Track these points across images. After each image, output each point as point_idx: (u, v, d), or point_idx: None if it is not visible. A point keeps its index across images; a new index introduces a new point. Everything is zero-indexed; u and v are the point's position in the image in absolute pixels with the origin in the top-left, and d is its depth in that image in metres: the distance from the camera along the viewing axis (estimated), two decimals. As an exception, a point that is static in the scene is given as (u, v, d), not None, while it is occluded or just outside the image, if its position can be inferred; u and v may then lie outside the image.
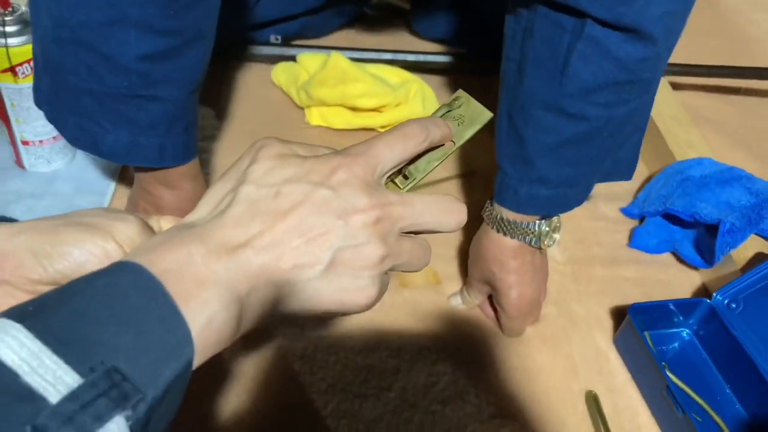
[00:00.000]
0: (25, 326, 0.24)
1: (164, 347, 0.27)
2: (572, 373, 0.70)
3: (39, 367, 0.24)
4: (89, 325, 0.26)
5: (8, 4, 0.70)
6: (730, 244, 0.78)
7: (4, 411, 0.23)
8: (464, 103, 0.42)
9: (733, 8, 1.48)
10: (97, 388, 0.24)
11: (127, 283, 0.28)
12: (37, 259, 0.33)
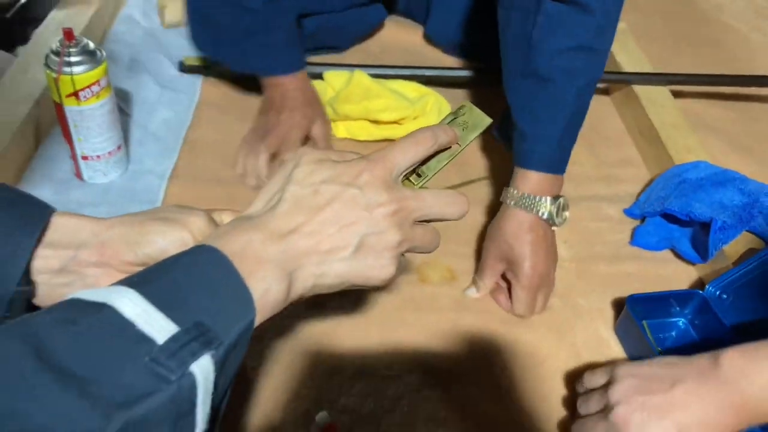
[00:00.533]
0: (136, 290, 0.34)
1: (235, 309, 0.36)
2: (575, 358, 0.78)
3: (148, 320, 0.33)
4: (180, 291, 0.35)
5: (73, 37, 0.80)
6: (722, 240, 0.85)
7: (127, 349, 0.32)
8: (468, 111, 0.52)
9: (736, 17, 1.54)
10: (189, 335, 0.33)
11: (205, 260, 0.37)
12: (129, 246, 0.43)
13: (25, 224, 0.43)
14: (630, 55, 1.23)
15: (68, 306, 0.34)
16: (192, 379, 0.33)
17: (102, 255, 0.44)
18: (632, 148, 1.10)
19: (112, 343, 0.33)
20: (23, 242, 0.42)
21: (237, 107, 1.06)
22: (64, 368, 0.31)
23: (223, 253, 0.37)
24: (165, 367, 0.32)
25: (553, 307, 0.83)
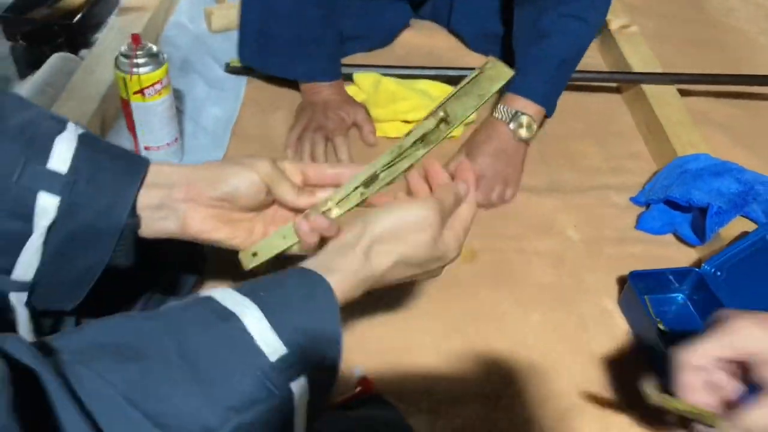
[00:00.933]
0: (259, 308, 0.44)
1: (328, 341, 0.46)
2: (582, 328, 0.87)
3: (265, 338, 0.43)
4: (292, 315, 0.45)
5: (140, 41, 0.91)
6: (718, 223, 0.94)
7: (246, 361, 0.42)
8: (492, 65, 0.59)
9: (745, 21, 1.62)
10: (293, 357, 0.43)
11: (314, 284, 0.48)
12: (210, 185, 0.55)
13: (131, 170, 0.53)
14: (641, 56, 1.31)
15: (206, 307, 0.44)
16: (290, 396, 0.42)
17: (189, 192, 0.55)
18: (640, 142, 1.19)
19: (236, 351, 0.42)
20: (130, 184, 0.53)
21: (278, 106, 1.17)
22: (198, 363, 0.40)
23: (329, 285, 0.48)
24: (272, 382, 0.41)
25: (563, 284, 0.92)
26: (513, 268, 0.94)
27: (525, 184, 1.06)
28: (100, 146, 0.54)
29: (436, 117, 0.57)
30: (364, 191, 0.58)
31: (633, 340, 0.86)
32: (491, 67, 0.58)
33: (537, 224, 1.01)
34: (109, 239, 0.52)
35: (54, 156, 0.50)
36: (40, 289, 0.53)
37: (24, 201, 0.49)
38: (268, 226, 0.61)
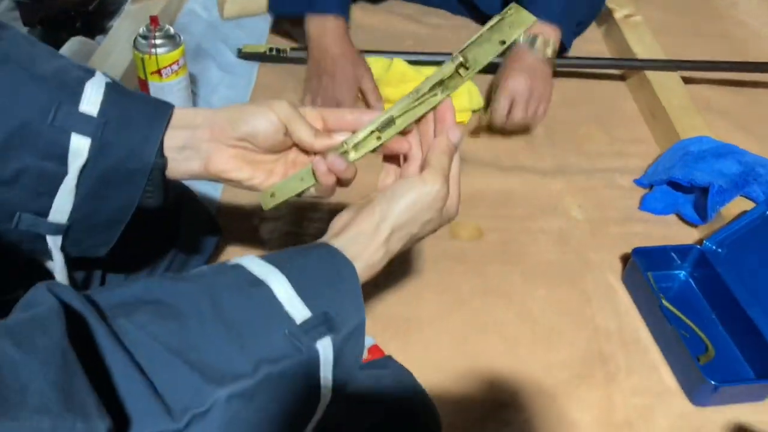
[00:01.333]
0: (286, 277, 0.47)
1: (351, 307, 0.49)
2: (586, 302, 0.90)
3: (291, 303, 0.46)
4: (316, 283, 0.48)
5: (158, 23, 0.94)
6: (719, 202, 0.97)
7: (275, 321, 0.45)
8: (515, 12, 0.57)
9: (749, 13, 1.64)
10: (317, 320, 0.46)
11: (337, 260, 0.51)
12: (231, 124, 0.57)
13: (157, 113, 0.56)
14: (645, 45, 1.34)
15: (237, 273, 0.47)
16: (316, 354, 0.45)
17: (212, 133, 0.57)
18: (644, 127, 1.21)
19: (265, 313, 0.45)
20: (157, 125, 0.55)
21: (288, 89, 1.19)
22: (230, 322, 0.43)
23: (349, 260, 0.51)
24: (299, 340, 0.45)
25: (568, 261, 0.95)
26: (519, 246, 0.96)
27: (532, 167, 1.09)
28: (127, 91, 0.56)
29: (455, 62, 0.56)
30: (380, 135, 0.58)
31: (637, 314, 0.89)
32: (513, 14, 0.57)
33: (543, 205, 1.03)
34: (138, 178, 0.55)
35: (85, 99, 0.53)
36: (75, 233, 0.55)
37: (58, 142, 0.52)
38: (288, 168, 0.62)
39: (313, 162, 0.58)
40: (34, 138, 0.52)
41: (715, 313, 0.90)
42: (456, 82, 0.57)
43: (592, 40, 1.44)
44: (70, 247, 0.56)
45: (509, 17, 0.56)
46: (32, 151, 0.52)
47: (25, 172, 0.52)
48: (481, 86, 1.20)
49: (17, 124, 0.51)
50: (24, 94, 0.52)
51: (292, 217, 0.95)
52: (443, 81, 0.57)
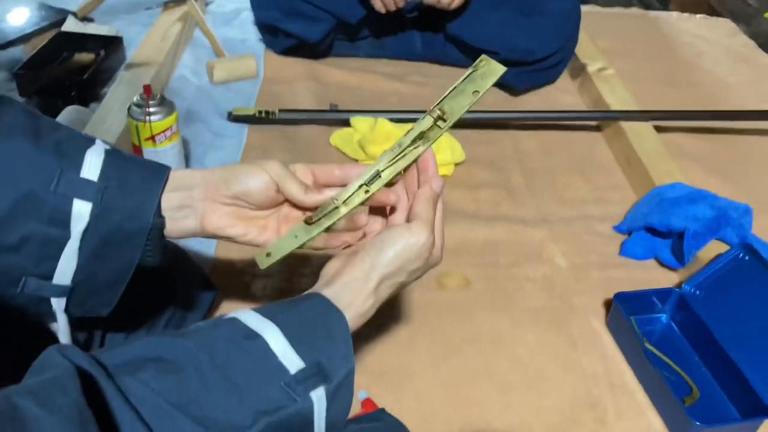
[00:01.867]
0: (280, 330, 0.50)
1: (342, 356, 0.52)
2: (572, 346, 0.92)
3: (286, 355, 0.49)
4: (309, 333, 0.51)
5: (151, 91, 0.98)
6: (695, 246, 1.01)
7: (271, 373, 0.48)
8: (486, 63, 0.62)
9: (715, 62, 1.72)
10: (311, 371, 0.49)
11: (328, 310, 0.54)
12: (225, 183, 0.61)
13: (154, 176, 0.59)
14: (617, 96, 1.40)
15: (234, 327, 0.50)
16: (311, 403, 0.48)
17: (207, 192, 0.60)
18: (620, 174, 1.26)
19: (261, 366, 0.48)
20: (154, 188, 0.58)
21: (278, 148, 1.23)
22: (229, 375, 0.46)
23: (344, 318, 0.54)
24: (294, 390, 0.47)
25: (554, 306, 0.98)
26: (506, 294, 0.99)
27: (514, 216, 1.13)
28: (125, 157, 0.60)
29: (433, 115, 0.60)
30: (368, 189, 0.61)
31: (622, 357, 0.91)
32: (484, 65, 0.61)
33: (527, 252, 1.07)
34: (138, 239, 0.58)
35: (86, 166, 0.56)
36: (78, 294, 0.58)
37: (61, 208, 0.55)
38: (281, 223, 0.65)
39: (304, 219, 0.62)
40: (38, 205, 0.54)
41: (697, 355, 0.93)
42: (435, 133, 0.61)
43: (567, 92, 1.51)
44: (74, 309, 0.59)
45: (481, 68, 0.61)
46: (37, 218, 0.55)
47: (30, 239, 0.55)
48: (462, 141, 1.25)
49: (23, 194, 0.54)
50: (29, 165, 0.55)
51: (283, 273, 0.98)
52: (423, 133, 0.61)
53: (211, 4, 1.73)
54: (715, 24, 1.94)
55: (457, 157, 1.22)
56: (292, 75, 1.46)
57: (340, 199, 0.61)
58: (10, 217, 0.54)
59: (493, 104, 1.42)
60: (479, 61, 0.61)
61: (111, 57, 1.38)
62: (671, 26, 1.90)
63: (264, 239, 0.64)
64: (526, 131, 1.36)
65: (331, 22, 1.41)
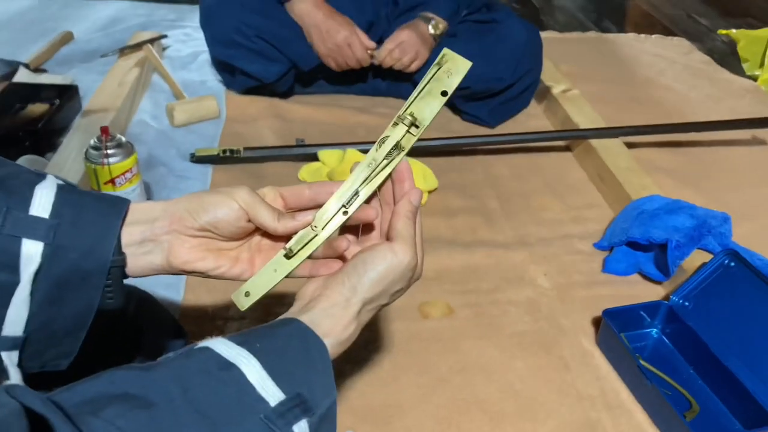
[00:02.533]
0: (257, 359, 0.45)
1: (324, 386, 0.48)
2: (565, 368, 0.89)
3: (264, 386, 0.44)
4: (288, 363, 0.47)
5: (109, 133, 0.94)
6: (679, 257, 0.98)
7: (248, 406, 0.43)
8: (450, 58, 0.57)
9: (675, 79, 1.74)
10: (293, 402, 0.45)
11: (308, 338, 0.49)
12: (191, 215, 0.55)
13: (112, 210, 0.54)
14: (585, 116, 1.40)
15: (207, 357, 0.45)
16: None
17: (171, 224, 0.55)
18: (595, 192, 1.25)
19: (238, 398, 0.43)
20: (112, 222, 0.53)
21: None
22: (203, 409, 0.41)
23: (324, 346, 0.50)
24: (275, 424, 0.43)
25: (541, 329, 0.94)
26: (491, 320, 0.95)
27: (492, 240, 1.10)
28: (79, 191, 0.54)
29: (405, 122, 0.57)
30: (347, 210, 0.57)
31: (616, 376, 0.88)
32: (448, 60, 0.57)
33: (509, 277, 1.03)
34: (96, 279, 0.52)
35: (35, 203, 0.50)
36: (33, 345, 0.52)
37: (8, 250, 0.49)
38: (254, 253, 0.60)
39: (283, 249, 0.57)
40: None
41: (693, 368, 0.90)
42: (408, 141, 0.57)
43: (534, 116, 1.50)
44: (28, 363, 0.53)
45: (445, 64, 0.57)
46: None
47: None
48: (433, 168, 1.22)
49: None
50: None
51: (257, 313, 0.93)
52: (398, 143, 0.57)
53: (168, 49, 1.70)
54: (671, 43, 1.98)
55: (430, 184, 1.19)
56: (255, 113, 1.43)
57: (319, 225, 0.57)
58: None
59: (462, 130, 1.41)
60: (441, 56, 0.58)
61: (66, 106, 1.34)
62: (629, 47, 1.93)
63: (237, 272, 0.59)
64: (497, 155, 1.34)
65: (287, 64, 1.41)
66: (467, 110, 1.46)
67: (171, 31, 1.78)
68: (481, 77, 1.37)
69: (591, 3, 2.32)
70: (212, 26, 1.41)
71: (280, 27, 1.37)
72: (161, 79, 1.52)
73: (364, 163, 0.57)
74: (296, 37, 1.38)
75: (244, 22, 1.36)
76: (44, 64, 1.58)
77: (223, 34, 1.39)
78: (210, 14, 1.41)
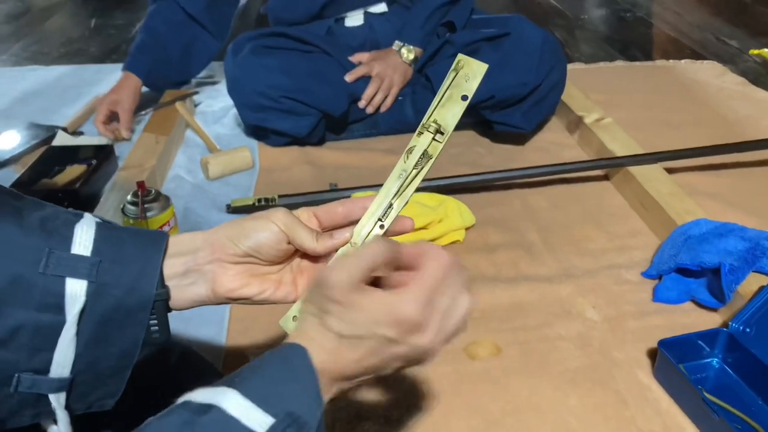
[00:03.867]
0: (237, 390, 0.43)
1: (314, 400, 0.45)
2: (622, 404, 0.84)
3: (249, 416, 0.42)
4: (274, 385, 0.44)
5: (145, 187, 0.95)
6: (734, 281, 0.94)
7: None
8: (465, 63, 0.58)
9: (709, 102, 1.71)
10: (284, 423, 0.42)
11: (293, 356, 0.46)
12: (233, 241, 0.54)
13: (152, 243, 0.53)
14: (621, 143, 1.37)
15: (185, 408, 0.43)
16: None
17: (214, 253, 0.55)
18: (637, 220, 1.21)
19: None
20: (153, 255, 0.52)
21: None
22: None
23: (307, 352, 0.47)
24: None
25: (594, 363, 0.90)
26: (541, 357, 0.92)
27: (536, 274, 1.07)
28: (118, 228, 0.54)
29: (430, 130, 0.57)
30: (383, 223, 0.57)
31: (678, 410, 0.83)
32: (464, 65, 0.58)
33: (556, 311, 1.00)
34: (141, 315, 0.52)
35: (76, 242, 0.51)
36: (79, 386, 0.51)
37: (53, 290, 0.49)
38: (296, 275, 0.60)
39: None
40: (27, 291, 0.49)
41: (761, 398, 0.85)
42: (435, 147, 0.57)
43: (568, 147, 1.48)
44: (75, 404, 0.52)
45: (462, 70, 0.57)
46: (26, 305, 0.49)
47: (20, 329, 0.49)
48: (469, 204, 1.21)
49: (7, 280, 0.48)
50: (12, 247, 0.49)
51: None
52: (425, 152, 0.57)
53: (200, 105, 1.73)
54: (702, 66, 1.95)
55: (467, 221, 1.17)
56: (288, 162, 1.44)
57: (359, 241, 0.57)
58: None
59: (495, 164, 1.39)
60: (457, 62, 0.58)
61: (103, 165, 1.36)
62: (659, 73, 1.91)
63: (282, 295, 0.59)
64: (533, 188, 1.32)
65: (317, 116, 1.45)
66: (498, 119, 1.46)
67: (202, 87, 1.82)
68: (505, 85, 1.39)
69: (615, 33, 2.32)
70: (239, 94, 1.46)
71: (304, 80, 1.41)
72: (194, 134, 1.54)
73: (394, 175, 0.57)
74: (322, 85, 1.40)
75: (269, 85, 1.41)
76: (81, 126, 1.62)
77: (250, 101, 1.44)
78: (235, 82, 1.46)
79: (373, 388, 0.85)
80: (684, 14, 2.48)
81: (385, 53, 1.52)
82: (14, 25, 2.45)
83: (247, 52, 1.44)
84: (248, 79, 1.42)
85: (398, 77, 1.50)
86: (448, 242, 1.15)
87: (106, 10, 2.62)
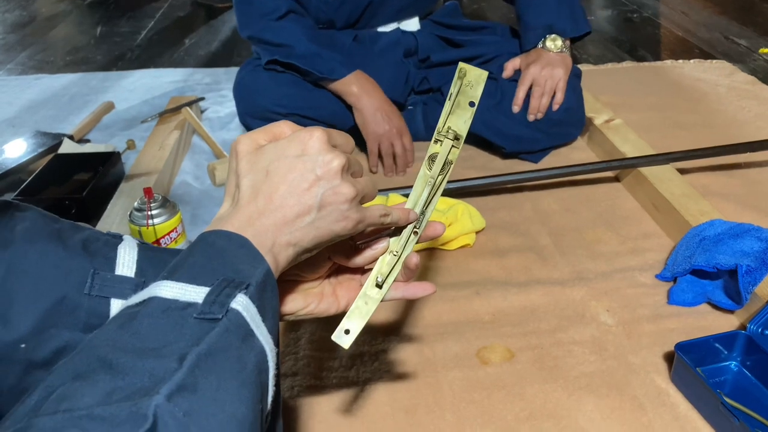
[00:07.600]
0: (169, 279, 0.43)
1: (251, 262, 0.44)
2: (639, 409, 0.82)
3: (185, 293, 0.42)
4: (204, 265, 0.44)
5: (152, 194, 0.94)
6: (751, 282, 0.92)
7: (179, 317, 0.40)
8: (467, 71, 0.61)
9: (719, 101, 1.69)
10: (220, 287, 0.42)
11: (214, 238, 0.45)
12: None
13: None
14: (632, 144, 1.36)
15: (124, 310, 0.42)
16: (236, 312, 0.41)
17: None
18: (650, 221, 1.19)
19: (167, 318, 0.40)
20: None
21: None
22: (139, 348, 0.38)
23: (215, 229, 0.45)
24: (211, 313, 0.40)
25: (609, 368, 0.89)
26: (555, 362, 0.90)
27: (549, 278, 1.06)
28: (160, 249, 0.55)
29: (450, 137, 0.60)
30: (417, 230, 0.60)
31: (697, 415, 0.81)
32: (466, 72, 0.61)
33: (569, 315, 0.98)
34: None
35: (119, 263, 0.51)
36: None
37: (98, 311, 0.49)
38: (335, 287, 0.61)
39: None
40: (72, 312, 0.50)
41: (781, 401, 0.83)
42: (454, 153, 0.60)
43: (578, 149, 1.47)
44: None
45: (465, 77, 0.60)
46: (72, 325, 0.50)
47: (64, 350, 0.49)
48: (479, 208, 1.19)
49: (53, 301, 0.49)
50: (57, 269, 0.50)
51: (310, 368, 0.90)
52: (446, 158, 0.60)
53: (207, 111, 1.73)
54: (712, 66, 1.93)
55: (477, 224, 1.16)
56: (295, 167, 1.43)
57: (399, 251, 0.59)
58: (40, 330, 0.49)
59: (505, 167, 1.38)
60: (459, 70, 0.61)
61: (109, 172, 1.36)
62: (668, 73, 1.89)
63: (324, 307, 0.59)
64: (544, 191, 1.31)
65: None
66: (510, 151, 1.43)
67: (208, 93, 1.81)
68: (515, 139, 1.38)
69: (622, 33, 2.30)
70: (246, 101, 1.43)
71: (312, 95, 1.39)
72: (201, 140, 1.54)
73: (421, 183, 0.60)
74: (329, 101, 1.39)
75: (278, 100, 1.38)
76: (87, 134, 1.61)
77: (256, 110, 1.41)
78: (244, 88, 1.42)
79: (383, 396, 0.84)
80: (691, 14, 2.46)
81: (535, 54, 1.39)
82: (20, 34, 2.45)
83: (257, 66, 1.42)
84: (259, 88, 1.40)
85: (558, 71, 1.36)
86: (458, 246, 1.14)
87: (111, 18, 2.63)
